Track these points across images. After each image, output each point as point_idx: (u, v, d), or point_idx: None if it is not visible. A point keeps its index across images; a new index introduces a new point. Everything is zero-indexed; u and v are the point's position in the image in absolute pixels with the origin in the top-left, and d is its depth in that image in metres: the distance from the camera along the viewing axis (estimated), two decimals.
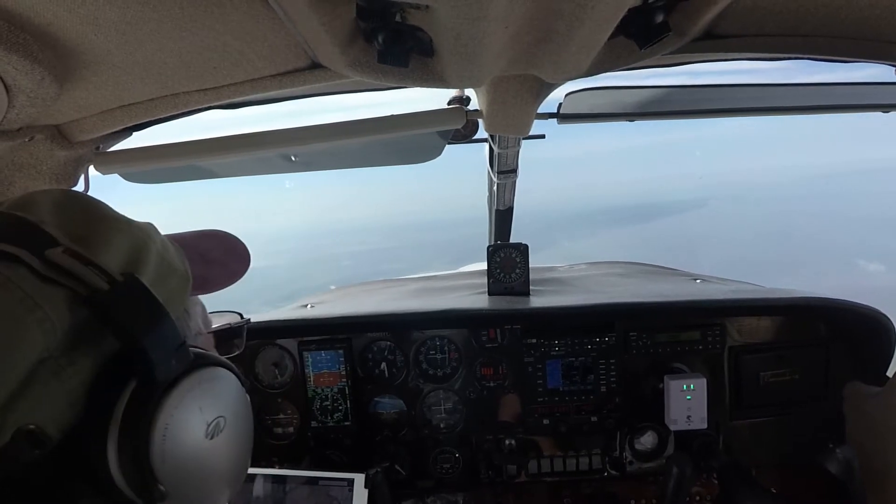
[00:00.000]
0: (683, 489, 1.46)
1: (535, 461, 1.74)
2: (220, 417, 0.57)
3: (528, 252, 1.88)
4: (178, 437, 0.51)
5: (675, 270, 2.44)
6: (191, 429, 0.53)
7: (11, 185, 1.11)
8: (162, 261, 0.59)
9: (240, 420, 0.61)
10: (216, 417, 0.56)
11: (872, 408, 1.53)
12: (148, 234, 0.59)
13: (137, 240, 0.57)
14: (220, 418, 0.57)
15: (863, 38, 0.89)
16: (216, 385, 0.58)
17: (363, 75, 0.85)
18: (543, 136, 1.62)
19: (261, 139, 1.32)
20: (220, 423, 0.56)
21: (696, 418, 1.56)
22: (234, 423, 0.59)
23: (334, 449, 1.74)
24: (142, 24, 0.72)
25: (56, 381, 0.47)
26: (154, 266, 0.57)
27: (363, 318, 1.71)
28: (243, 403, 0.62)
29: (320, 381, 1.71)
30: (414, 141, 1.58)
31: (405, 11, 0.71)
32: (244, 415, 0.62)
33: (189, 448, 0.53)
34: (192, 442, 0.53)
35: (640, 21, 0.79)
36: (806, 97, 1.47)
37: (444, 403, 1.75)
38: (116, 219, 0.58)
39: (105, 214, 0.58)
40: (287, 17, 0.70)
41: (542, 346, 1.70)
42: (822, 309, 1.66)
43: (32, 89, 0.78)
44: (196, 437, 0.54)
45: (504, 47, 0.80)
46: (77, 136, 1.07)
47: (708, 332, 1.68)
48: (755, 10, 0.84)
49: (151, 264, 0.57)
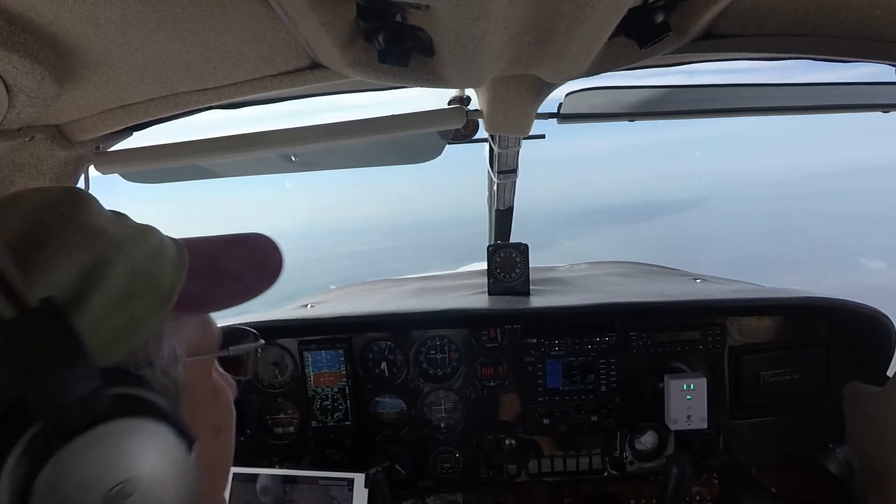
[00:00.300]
0: (683, 489, 1.46)
1: (535, 461, 1.74)
2: (126, 482, 0.47)
3: (528, 252, 1.88)
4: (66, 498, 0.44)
5: (676, 270, 2.44)
6: (84, 490, 0.45)
7: (12, 184, 1.11)
8: (133, 277, 0.52)
9: (158, 486, 0.49)
10: (121, 482, 0.47)
11: (873, 408, 1.53)
12: (119, 246, 0.53)
13: (99, 255, 0.51)
14: (125, 483, 0.47)
15: (863, 38, 0.89)
16: (130, 441, 0.48)
17: (363, 75, 0.85)
18: (543, 136, 1.62)
19: (261, 139, 1.32)
20: (126, 489, 0.47)
21: (697, 418, 1.56)
22: (148, 489, 0.49)
23: (334, 449, 1.74)
24: (142, 23, 0.72)
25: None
26: (115, 286, 0.51)
27: (363, 317, 1.71)
28: (170, 465, 0.51)
29: (320, 381, 1.72)
30: (414, 141, 1.58)
31: (405, 11, 0.71)
32: (168, 478, 0.51)
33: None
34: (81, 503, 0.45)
35: (641, 21, 0.79)
36: (806, 97, 1.47)
37: (444, 403, 1.75)
38: (85, 227, 0.52)
39: (78, 222, 0.52)
40: (287, 16, 0.70)
41: (542, 345, 1.70)
42: (823, 309, 1.66)
43: (33, 89, 0.78)
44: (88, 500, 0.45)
45: (504, 47, 0.80)
46: (77, 135, 1.07)
47: (708, 332, 1.68)
48: (755, 10, 0.84)
49: (111, 282, 0.50)
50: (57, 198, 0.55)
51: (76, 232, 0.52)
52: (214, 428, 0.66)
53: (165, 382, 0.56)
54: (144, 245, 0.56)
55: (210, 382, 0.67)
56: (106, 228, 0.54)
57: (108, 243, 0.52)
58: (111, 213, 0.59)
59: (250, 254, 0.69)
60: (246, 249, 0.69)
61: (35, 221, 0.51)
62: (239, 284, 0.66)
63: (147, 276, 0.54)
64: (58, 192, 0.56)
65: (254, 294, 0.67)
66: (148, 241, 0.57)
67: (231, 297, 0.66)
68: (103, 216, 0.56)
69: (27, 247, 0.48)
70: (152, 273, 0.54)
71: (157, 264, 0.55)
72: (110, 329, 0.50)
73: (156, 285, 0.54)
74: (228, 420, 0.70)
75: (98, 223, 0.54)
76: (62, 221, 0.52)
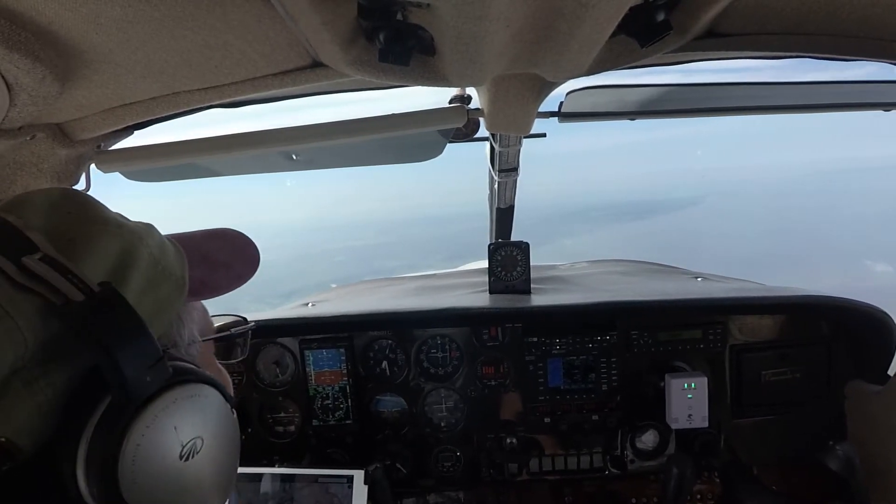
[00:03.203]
0: (684, 489, 1.46)
1: (536, 460, 1.74)
2: (198, 438, 0.54)
3: (529, 250, 1.88)
4: (149, 457, 0.49)
5: (677, 269, 2.44)
6: (163, 449, 0.50)
7: (13, 183, 1.11)
8: (155, 265, 0.57)
9: (220, 440, 0.57)
10: (193, 438, 0.53)
11: (874, 407, 1.53)
12: (140, 237, 0.57)
13: (127, 244, 0.55)
14: (196, 439, 0.53)
15: (864, 37, 0.88)
16: (195, 403, 0.54)
17: (364, 74, 0.85)
18: (544, 135, 1.62)
19: (262, 138, 1.32)
20: (197, 444, 0.53)
21: (698, 417, 1.56)
22: (213, 444, 0.55)
23: (336, 447, 1.74)
24: (143, 22, 0.72)
25: (28, 393, 0.46)
26: (144, 272, 0.55)
27: (364, 316, 1.71)
28: (226, 423, 0.59)
29: (321, 380, 1.72)
30: (415, 139, 1.58)
31: (406, 10, 0.71)
32: (226, 435, 0.58)
33: (161, 469, 0.50)
34: (164, 463, 0.51)
35: (642, 19, 0.79)
36: (807, 95, 1.46)
37: (445, 402, 1.75)
38: (107, 221, 0.56)
39: (97, 216, 0.56)
40: (288, 15, 0.69)
41: (543, 344, 1.70)
42: (824, 307, 1.66)
43: (34, 88, 0.78)
44: (169, 459, 0.51)
45: (505, 46, 0.80)
46: (78, 134, 1.07)
47: (709, 331, 1.68)
48: (756, 9, 0.84)
49: (140, 270, 0.55)
50: (60, 199, 0.57)
51: (98, 225, 0.55)
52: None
53: (189, 360, 0.62)
54: (154, 237, 0.59)
55: (215, 363, 0.75)
56: (123, 222, 0.57)
57: (131, 234, 0.56)
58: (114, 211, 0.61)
59: (231, 244, 0.75)
60: (225, 241, 0.75)
61: (53, 220, 0.53)
62: (230, 271, 0.72)
63: (164, 264, 0.58)
64: (59, 193, 0.58)
65: (243, 280, 0.73)
66: (153, 233, 0.60)
67: (226, 283, 0.72)
68: (112, 212, 0.59)
69: (61, 242, 0.51)
70: (167, 262, 0.59)
71: (166, 255, 0.59)
72: (144, 313, 0.53)
73: (170, 273, 0.59)
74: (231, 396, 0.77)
75: (114, 217, 0.57)
76: (77, 218, 0.54)
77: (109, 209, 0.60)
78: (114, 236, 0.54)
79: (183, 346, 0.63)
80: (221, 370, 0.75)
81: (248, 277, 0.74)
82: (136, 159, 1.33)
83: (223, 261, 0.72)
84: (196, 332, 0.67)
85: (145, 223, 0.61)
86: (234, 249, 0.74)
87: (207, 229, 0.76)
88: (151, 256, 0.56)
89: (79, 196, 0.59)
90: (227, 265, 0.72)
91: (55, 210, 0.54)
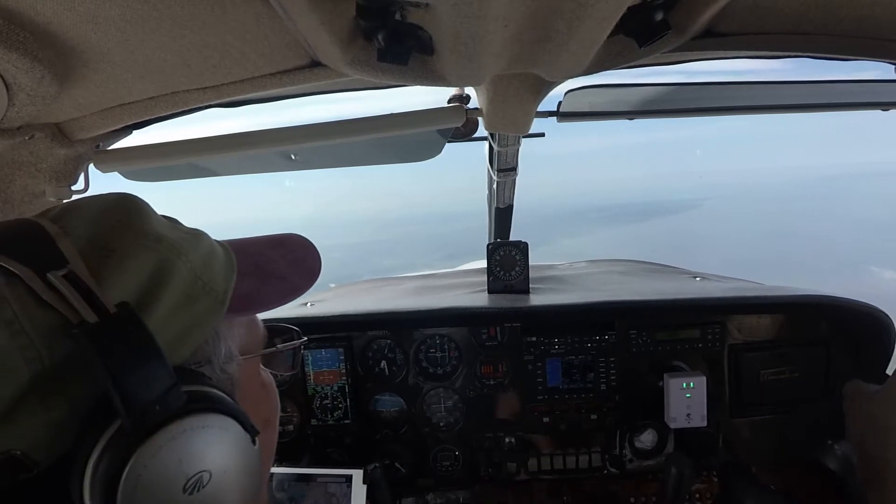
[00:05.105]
0: (683, 489, 1.46)
1: (534, 459, 1.74)
2: (205, 472, 0.51)
3: (528, 250, 1.88)
4: (151, 486, 0.47)
5: (675, 268, 2.44)
6: (166, 481, 0.48)
7: (11, 182, 1.11)
8: (194, 281, 0.55)
9: (231, 475, 0.53)
10: (199, 472, 0.50)
11: (873, 406, 1.54)
12: (180, 251, 0.55)
13: (164, 260, 0.53)
14: (203, 472, 0.50)
15: (863, 36, 0.89)
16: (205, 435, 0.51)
17: (363, 74, 0.85)
18: (543, 135, 1.62)
19: (260, 138, 1.32)
20: (204, 478, 0.50)
21: (696, 416, 1.56)
22: (221, 479, 0.52)
23: (334, 447, 1.74)
24: (141, 22, 0.72)
25: (42, 410, 0.46)
26: (179, 288, 0.53)
27: (363, 316, 1.71)
28: (240, 456, 0.54)
29: (320, 379, 1.72)
30: (414, 139, 1.58)
31: (405, 10, 0.71)
32: (239, 468, 0.54)
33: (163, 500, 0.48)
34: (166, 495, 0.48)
35: (640, 19, 0.79)
36: (806, 95, 1.47)
37: (444, 401, 1.75)
38: (147, 234, 0.54)
39: (140, 228, 0.54)
40: (287, 15, 0.70)
41: (541, 344, 1.70)
42: (823, 307, 1.66)
43: (32, 87, 0.78)
44: (172, 491, 0.49)
45: (504, 46, 0.80)
46: (77, 134, 1.07)
47: (708, 331, 1.68)
48: (755, 8, 0.84)
49: (174, 286, 0.53)
50: (113, 205, 0.56)
51: (138, 238, 0.53)
52: (264, 420, 0.68)
53: (223, 379, 0.60)
54: (199, 249, 0.57)
55: (259, 378, 0.70)
56: (165, 234, 0.55)
57: (169, 248, 0.54)
58: (165, 219, 0.60)
59: (292, 253, 0.71)
60: (287, 250, 0.71)
61: (98, 230, 0.52)
62: (284, 284, 0.68)
63: (204, 279, 0.56)
64: (113, 200, 0.57)
65: (298, 293, 0.69)
66: (201, 245, 0.58)
67: (278, 297, 0.67)
68: (159, 222, 0.57)
69: (97, 254, 0.50)
70: (208, 276, 0.56)
71: (210, 268, 0.57)
72: (175, 331, 0.52)
73: (212, 288, 0.56)
74: (275, 412, 0.74)
75: (157, 229, 0.55)
76: (122, 228, 0.53)
77: (159, 217, 0.58)
78: (150, 251, 0.53)
79: (218, 363, 0.60)
80: (266, 385, 0.72)
81: (304, 290, 0.70)
82: (134, 159, 1.33)
83: (279, 272, 0.68)
84: (235, 349, 0.63)
85: (194, 231, 0.60)
86: (294, 260, 0.71)
87: (271, 235, 0.72)
88: (191, 272, 0.55)
89: (131, 203, 0.57)
90: (283, 277, 0.68)
91: (105, 217, 0.54)
